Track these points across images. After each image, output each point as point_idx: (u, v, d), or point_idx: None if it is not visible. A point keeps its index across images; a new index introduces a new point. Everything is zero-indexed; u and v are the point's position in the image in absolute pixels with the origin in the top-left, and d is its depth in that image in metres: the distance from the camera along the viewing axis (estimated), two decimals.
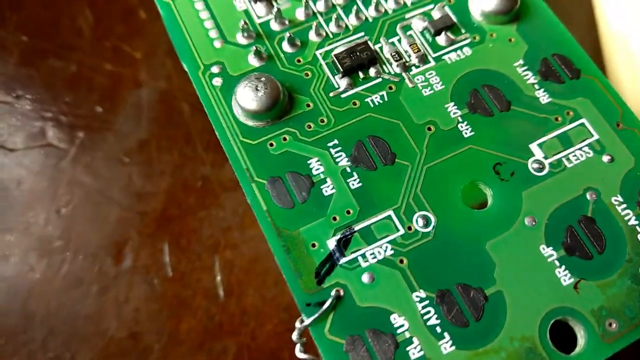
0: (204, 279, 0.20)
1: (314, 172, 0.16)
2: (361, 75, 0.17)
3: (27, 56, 0.23)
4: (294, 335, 0.15)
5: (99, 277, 0.20)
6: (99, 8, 0.24)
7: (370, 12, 0.18)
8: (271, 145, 0.16)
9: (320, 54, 0.17)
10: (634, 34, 0.23)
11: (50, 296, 0.20)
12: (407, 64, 0.17)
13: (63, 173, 0.21)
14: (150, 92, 0.22)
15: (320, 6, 0.18)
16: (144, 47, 0.23)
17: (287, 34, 0.17)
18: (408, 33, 0.18)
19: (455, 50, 0.17)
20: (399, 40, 0.17)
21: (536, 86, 0.17)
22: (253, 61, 0.17)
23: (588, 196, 0.15)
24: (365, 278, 0.15)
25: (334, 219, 0.15)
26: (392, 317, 0.14)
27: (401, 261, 0.15)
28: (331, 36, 0.17)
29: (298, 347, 0.15)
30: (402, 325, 0.14)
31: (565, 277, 0.15)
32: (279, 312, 0.20)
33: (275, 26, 0.18)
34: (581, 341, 0.14)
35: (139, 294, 0.20)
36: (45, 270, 0.20)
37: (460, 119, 0.16)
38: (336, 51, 0.17)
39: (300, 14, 0.18)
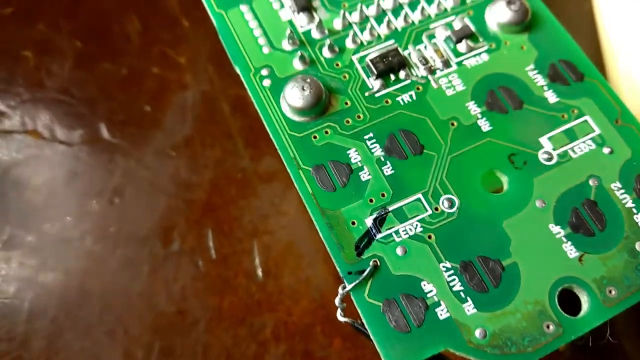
0: (244, 261, 0.23)
1: (353, 161, 0.18)
2: (392, 77, 0.19)
3: (81, 60, 0.25)
4: (337, 300, 0.17)
5: (149, 259, 0.22)
6: (145, 17, 0.26)
7: (399, 23, 0.20)
8: (315, 137, 0.18)
9: (356, 58, 0.20)
10: (632, 46, 0.26)
11: (105, 276, 0.22)
12: (432, 67, 0.19)
13: (116, 166, 0.24)
14: (194, 93, 0.25)
15: (355, 17, 0.20)
16: (188, 53, 0.25)
17: (327, 41, 0.20)
18: (433, 41, 0.20)
19: (474, 56, 0.20)
20: (425, 47, 0.20)
21: (545, 88, 0.19)
22: (297, 65, 0.19)
23: (591, 182, 0.18)
24: (398, 251, 0.17)
25: (371, 200, 0.17)
26: (422, 284, 0.16)
27: (429, 237, 0.17)
28: (365, 43, 0.20)
29: (339, 311, 0.17)
30: (431, 291, 0.16)
31: (571, 251, 0.17)
32: (311, 292, 0.22)
33: (316, 34, 0.20)
34: (585, 305, 0.16)
35: (185, 274, 0.22)
36: (101, 253, 0.22)
37: (479, 116, 0.19)
38: (370, 56, 0.19)
39: (337, 24, 0.20)
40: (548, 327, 0.16)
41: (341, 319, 0.17)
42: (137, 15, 0.26)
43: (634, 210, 0.17)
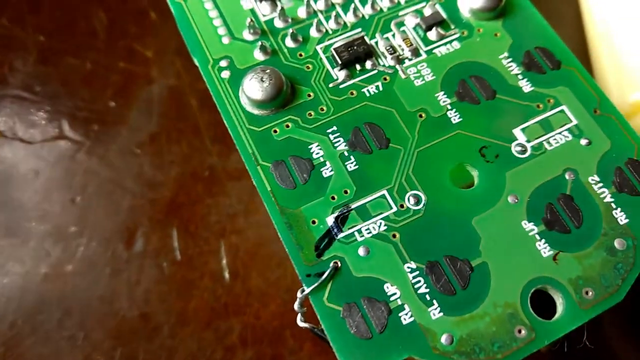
0: (210, 262, 0.22)
1: (315, 156, 0.17)
2: (358, 67, 0.18)
3: (45, 55, 0.24)
4: (296, 305, 0.16)
5: (111, 261, 0.21)
6: (112, 10, 0.25)
7: (367, 10, 0.19)
8: (275, 131, 0.17)
9: (321, 48, 0.19)
10: (617, 34, 0.24)
11: (65, 279, 0.21)
12: (400, 57, 0.18)
13: (78, 164, 0.23)
14: (161, 88, 0.24)
15: (320, 5, 0.19)
16: (155, 47, 0.25)
17: (290, 31, 0.19)
18: (401, 29, 0.19)
19: (445, 44, 0.19)
20: (393, 36, 0.19)
21: (519, 76, 0.18)
22: (258, 55, 0.18)
23: (567, 176, 0.17)
24: (361, 251, 0.16)
25: (333, 198, 0.16)
26: (385, 286, 0.15)
27: (394, 236, 0.16)
28: (330, 32, 0.19)
29: (299, 316, 0.16)
30: (394, 294, 0.15)
31: (545, 249, 0.16)
32: (281, 294, 0.21)
33: (279, 23, 0.19)
34: (560, 308, 0.15)
35: (149, 276, 0.21)
36: (61, 255, 0.22)
37: (449, 107, 0.18)
38: (335, 45, 0.18)
39: (302, 12, 0.19)
40: (520, 331, 0.15)
41: (301, 324, 0.16)
42: (104, 9, 0.25)
43: (613, 205, 0.16)
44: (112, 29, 0.25)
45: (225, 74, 0.18)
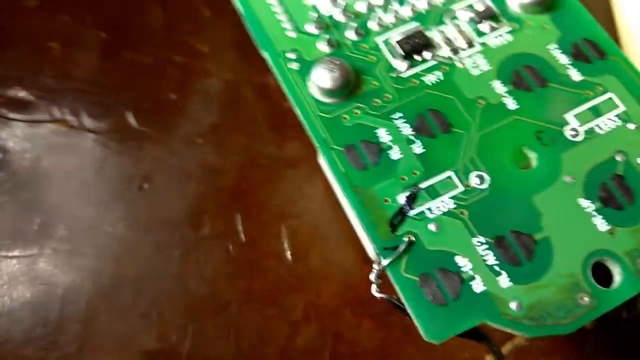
0: (272, 244, 0.23)
1: (383, 140, 0.18)
2: (418, 58, 0.20)
3: (106, 51, 0.26)
4: (372, 276, 0.17)
5: (180, 243, 0.23)
6: (167, 7, 0.27)
7: (422, 5, 0.20)
8: (344, 118, 0.19)
9: (381, 40, 0.20)
10: None
11: (137, 261, 0.23)
12: (456, 48, 0.20)
13: (144, 153, 0.24)
14: (218, 81, 0.25)
15: (379, 0, 0.20)
16: (210, 42, 0.26)
17: (352, 24, 0.20)
18: (455, 22, 0.20)
19: (497, 37, 0.20)
20: (448, 29, 0.20)
21: (568, 66, 0.19)
22: (323, 48, 0.20)
23: (618, 158, 0.18)
24: (432, 227, 0.17)
25: (403, 178, 0.18)
26: (456, 259, 0.17)
27: (462, 213, 0.17)
28: (390, 26, 0.20)
29: (374, 287, 0.17)
30: (465, 265, 0.17)
31: (601, 224, 0.17)
32: (340, 274, 0.23)
33: (340, 17, 0.20)
34: (617, 277, 0.17)
35: (216, 257, 0.23)
36: (133, 238, 0.23)
37: (505, 94, 0.19)
38: (396, 38, 0.20)
39: (361, 7, 0.20)
40: (582, 298, 0.16)
41: (377, 294, 0.17)
42: (159, 6, 0.27)
43: None
44: (168, 26, 0.26)
45: (294, 65, 0.19)
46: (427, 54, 0.20)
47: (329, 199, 0.23)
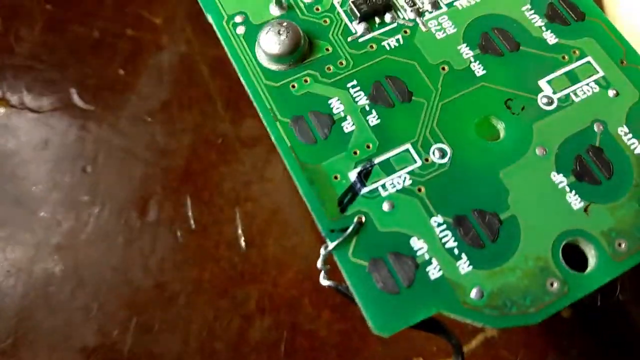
0: (225, 230, 0.21)
1: (335, 111, 0.16)
2: (377, 20, 0.18)
3: (51, 24, 0.24)
4: (319, 262, 0.15)
5: (125, 230, 0.21)
6: None
7: None
8: (293, 87, 0.17)
9: (338, 2, 0.18)
10: None
11: (77, 249, 0.21)
12: (420, 9, 0.18)
13: (89, 132, 0.22)
14: (171, 55, 0.23)
15: None
16: (164, 13, 0.24)
17: None
18: None
19: None
20: None
21: (543, 28, 0.17)
22: (274, 10, 0.18)
23: (595, 127, 0.16)
24: (385, 206, 0.15)
25: (355, 153, 0.16)
26: (411, 241, 0.15)
27: (419, 190, 0.15)
28: None
29: (322, 274, 0.16)
30: (421, 248, 0.15)
31: (575, 201, 0.15)
32: (298, 262, 0.21)
33: None
34: (592, 261, 0.15)
35: (163, 245, 0.21)
36: (73, 224, 0.21)
37: (472, 59, 0.17)
38: None
39: None
40: (552, 284, 0.14)
41: (324, 282, 0.15)
42: None
43: None
44: None
45: (241, 30, 0.18)
46: (387, 16, 0.18)
47: (289, 180, 0.21)
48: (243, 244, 0.21)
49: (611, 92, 0.17)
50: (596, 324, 0.20)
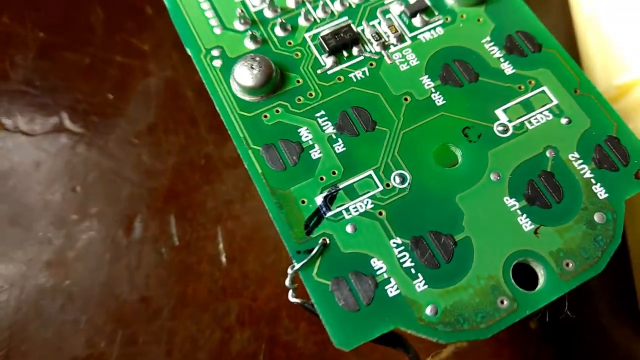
0: (207, 247, 0.22)
1: (304, 139, 0.18)
2: (345, 54, 0.19)
3: (44, 51, 0.25)
4: (287, 281, 0.16)
5: (112, 247, 0.22)
6: (108, 6, 0.26)
7: None
8: (265, 117, 0.18)
9: (309, 36, 0.19)
10: (603, 18, 0.25)
11: (67, 265, 0.22)
12: (386, 43, 0.19)
13: (79, 155, 0.23)
14: (158, 81, 0.25)
15: None
16: (151, 41, 0.25)
17: (279, 20, 0.19)
18: (387, 16, 0.19)
19: (429, 30, 0.19)
20: (379, 23, 0.19)
21: (501, 59, 0.19)
22: (249, 44, 0.19)
23: (547, 154, 0.17)
24: (348, 228, 0.16)
25: (321, 178, 0.17)
26: (372, 261, 0.16)
27: (380, 213, 0.17)
28: (318, 21, 0.19)
29: (290, 292, 0.17)
30: (380, 268, 0.16)
31: (526, 224, 0.16)
32: (277, 277, 0.22)
33: (268, 13, 0.20)
34: (541, 279, 0.16)
35: (148, 261, 0.22)
36: (63, 242, 0.22)
37: (433, 90, 0.18)
38: (323, 33, 0.19)
39: (290, 2, 0.20)
40: (502, 302, 0.16)
41: (292, 299, 0.17)
42: (101, 5, 0.26)
43: (592, 181, 0.17)
44: (108, 24, 0.26)
45: (217, 63, 0.19)
46: (355, 50, 0.19)
47: None
48: (224, 260, 0.22)
49: (564, 120, 0.18)
50: (562, 335, 0.21)
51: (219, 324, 0.21)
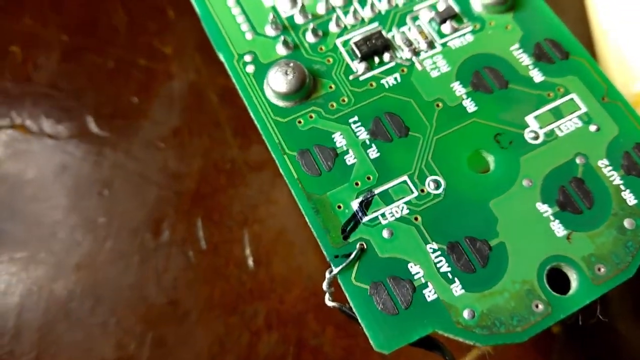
0: (234, 250, 0.22)
1: (338, 145, 0.18)
2: (376, 60, 0.19)
3: (68, 53, 0.25)
4: (325, 285, 0.17)
5: (140, 250, 0.22)
6: (131, 8, 0.26)
7: (383, 5, 0.20)
8: (299, 122, 0.18)
9: (340, 42, 0.19)
10: (620, 30, 0.25)
11: (96, 268, 0.22)
12: (416, 49, 0.19)
13: (104, 158, 0.24)
14: (181, 84, 0.25)
15: (338, 1, 0.20)
16: (173, 43, 0.25)
17: (311, 26, 0.19)
18: (417, 23, 0.20)
19: (458, 37, 0.20)
20: (409, 29, 0.20)
21: (530, 67, 0.19)
22: (281, 50, 0.19)
23: (578, 160, 0.18)
24: (385, 233, 0.17)
25: (357, 184, 0.17)
26: (409, 266, 0.16)
27: (416, 219, 0.17)
28: (349, 27, 0.20)
29: (327, 295, 0.17)
30: (418, 273, 0.16)
31: (559, 229, 0.17)
32: (303, 280, 0.22)
33: (299, 19, 0.20)
34: (574, 284, 0.16)
35: (176, 264, 0.22)
36: (91, 245, 0.22)
37: (464, 97, 0.18)
38: (354, 39, 0.19)
39: (321, 8, 0.20)
40: (537, 306, 0.16)
41: (329, 303, 0.17)
42: (123, 7, 0.26)
43: (622, 187, 0.17)
44: (131, 27, 0.26)
45: (250, 69, 0.19)
46: (386, 56, 0.19)
47: (294, 203, 0.23)
48: (251, 263, 0.22)
49: (592, 127, 0.18)
50: (584, 340, 0.21)
51: (246, 327, 0.21)
